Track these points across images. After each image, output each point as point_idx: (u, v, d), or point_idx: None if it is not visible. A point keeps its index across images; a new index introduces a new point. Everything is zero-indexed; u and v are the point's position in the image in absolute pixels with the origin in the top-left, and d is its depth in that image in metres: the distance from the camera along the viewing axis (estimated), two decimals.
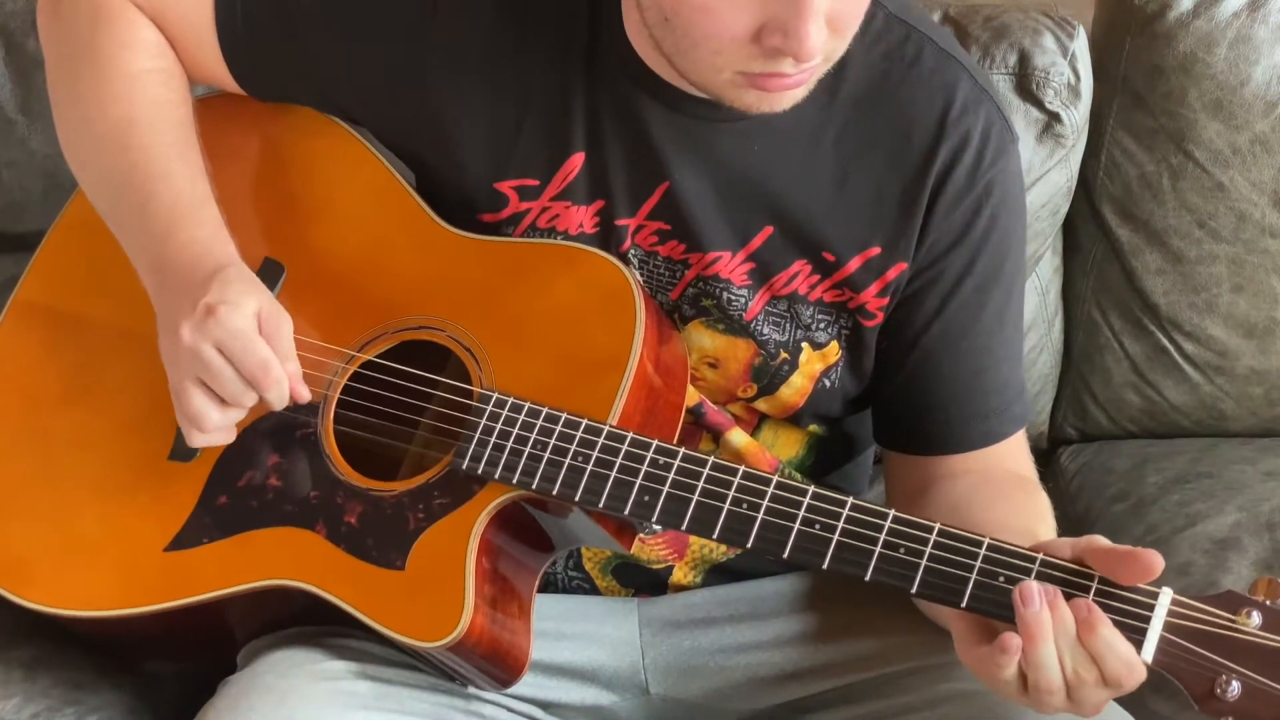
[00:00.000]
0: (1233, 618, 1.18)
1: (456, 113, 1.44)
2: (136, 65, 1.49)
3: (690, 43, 1.28)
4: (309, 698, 1.37)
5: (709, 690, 1.53)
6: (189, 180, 1.45)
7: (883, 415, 1.53)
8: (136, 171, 1.44)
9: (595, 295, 1.41)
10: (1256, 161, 1.93)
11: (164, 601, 1.41)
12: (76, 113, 1.51)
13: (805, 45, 1.23)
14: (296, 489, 1.42)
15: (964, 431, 1.48)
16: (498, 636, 1.36)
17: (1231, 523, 1.88)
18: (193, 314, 1.36)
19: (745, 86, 1.29)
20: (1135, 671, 1.19)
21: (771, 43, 1.24)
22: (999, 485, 1.46)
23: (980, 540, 1.24)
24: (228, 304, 1.36)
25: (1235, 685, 1.16)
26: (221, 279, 1.38)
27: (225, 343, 1.35)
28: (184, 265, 1.40)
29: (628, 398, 1.36)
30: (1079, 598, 1.20)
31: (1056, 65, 1.91)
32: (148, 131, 1.46)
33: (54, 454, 1.51)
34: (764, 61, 1.26)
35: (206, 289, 1.37)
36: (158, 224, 1.42)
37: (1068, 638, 1.19)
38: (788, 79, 1.28)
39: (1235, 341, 2.01)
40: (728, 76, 1.29)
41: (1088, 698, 1.21)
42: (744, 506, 1.30)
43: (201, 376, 1.37)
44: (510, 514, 1.37)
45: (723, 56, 1.27)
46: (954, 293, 1.45)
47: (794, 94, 1.32)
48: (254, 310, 1.37)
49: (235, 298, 1.36)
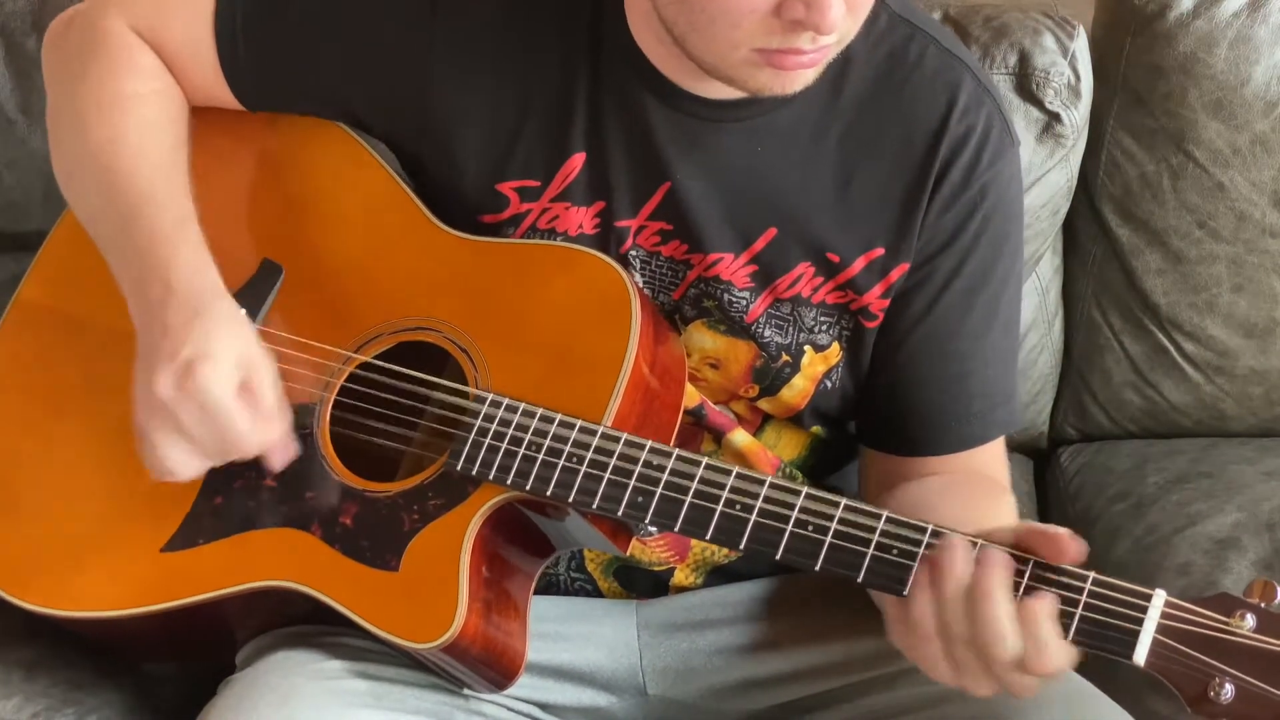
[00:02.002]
0: (1226, 620, 1.17)
1: (457, 114, 1.45)
2: (130, 88, 1.49)
3: (708, 18, 1.27)
4: (310, 697, 1.37)
5: (707, 691, 1.53)
6: (172, 199, 1.44)
7: (864, 413, 1.53)
8: (119, 192, 1.44)
9: (591, 296, 1.41)
10: (1256, 161, 1.93)
11: (161, 602, 1.41)
12: (68, 135, 1.51)
13: (828, 16, 1.23)
14: (292, 490, 1.42)
15: (943, 434, 1.48)
16: (492, 638, 1.36)
17: (1231, 523, 1.88)
18: (171, 365, 1.34)
19: (760, 65, 1.29)
20: (1009, 647, 1.18)
21: (793, 15, 1.24)
22: (969, 485, 1.47)
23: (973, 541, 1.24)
24: (209, 361, 1.34)
25: (1229, 688, 1.15)
26: (203, 323, 1.36)
27: (204, 409, 1.34)
28: (162, 289, 1.38)
29: (622, 399, 1.36)
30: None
31: (1056, 65, 1.91)
32: (135, 153, 1.46)
33: (52, 455, 1.51)
34: (782, 36, 1.26)
35: (188, 333, 1.35)
36: (139, 241, 1.41)
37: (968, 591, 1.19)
38: (805, 55, 1.28)
39: (1235, 341, 2.01)
40: (743, 54, 1.28)
41: (1008, 676, 1.20)
42: (737, 508, 1.29)
43: (178, 434, 1.36)
44: (505, 515, 1.37)
45: (741, 30, 1.26)
46: (942, 294, 1.45)
47: (806, 75, 1.31)
48: (234, 364, 1.36)
49: (217, 351, 1.35)
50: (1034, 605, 1.19)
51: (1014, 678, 1.20)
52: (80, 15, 1.54)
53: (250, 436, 1.36)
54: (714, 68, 1.32)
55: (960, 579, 1.21)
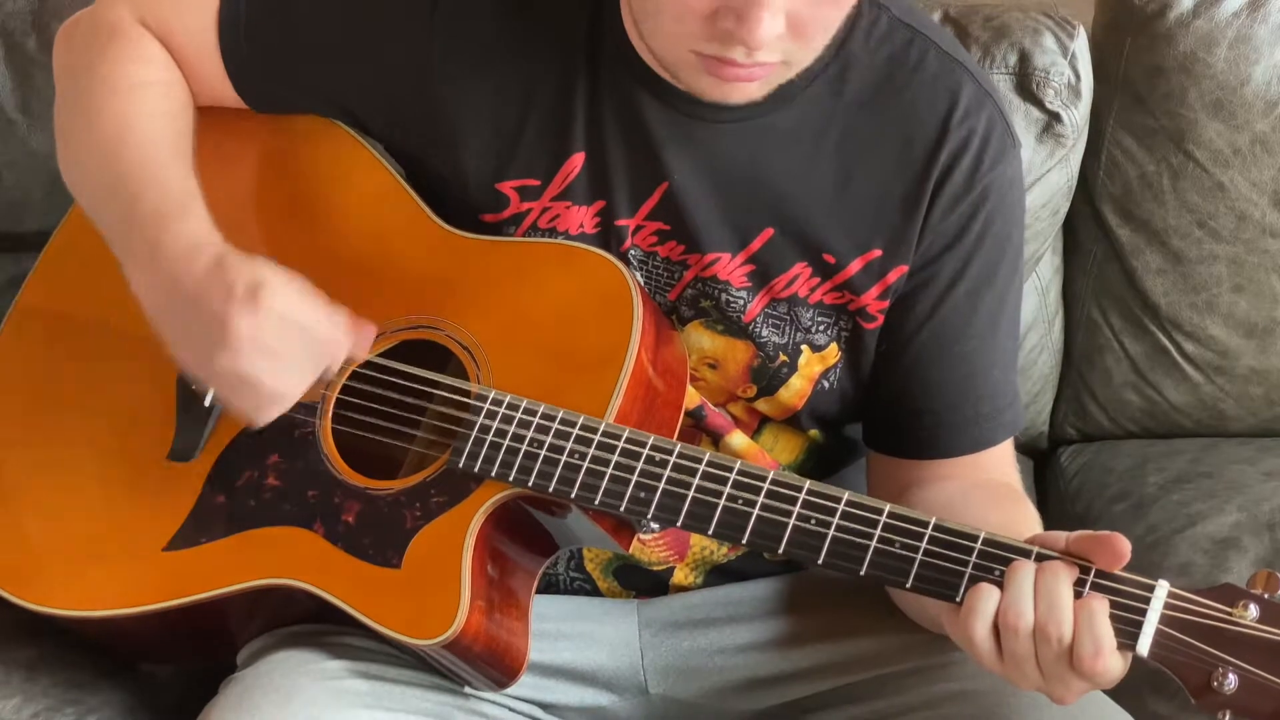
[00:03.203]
0: (1230, 610, 1.18)
1: (458, 113, 1.45)
2: (137, 78, 1.49)
3: (655, 6, 1.28)
4: (312, 697, 1.37)
5: (708, 690, 1.53)
6: (178, 179, 1.44)
7: (871, 416, 1.53)
8: (125, 179, 1.44)
9: (593, 293, 1.41)
10: (1256, 161, 1.93)
11: (162, 601, 1.41)
12: (77, 121, 1.51)
13: (755, 33, 1.23)
14: (294, 488, 1.42)
15: (952, 436, 1.47)
16: (494, 636, 1.36)
17: (1231, 523, 1.88)
18: (233, 301, 1.32)
19: (700, 70, 1.30)
20: (1100, 652, 1.18)
21: (724, 24, 1.24)
22: (991, 491, 1.46)
23: (976, 534, 1.24)
24: (265, 283, 1.33)
25: (1232, 678, 1.16)
26: (233, 261, 1.35)
27: (287, 320, 1.33)
28: (179, 255, 1.37)
29: (624, 396, 1.36)
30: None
31: (1057, 65, 1.91)
32: (142, 142, 1.46)
33: (54, 455, 1.51)
34: (718, 45, 1.27)
35: (223, 272, 1.34)
36: (147, 223, 1.40)
37: (1045, 597, 1.20)
38: (739, 69, 1.28)
39: (1235, 341, 2.01)
40: (683, 54, 1.30)
41: (1057, 673, 1.20)
42: (739, 502, 1.30)
43: (274, 359, 1.34)
44: (507, 512, 1.37)
45: (682, 27, 1.27)
46: (946, 296, 1.45)
47: (746, 88, 1.32)
48: (284, 279, 1.35)
49: (262, 274, 1.33)
50: (1093, 601, 1.19)
51: (1061, 671, 1.20)
52: (89, 13, 1.55)
53: (336, 330, 1.36)
54: (663, 63, 1.34)
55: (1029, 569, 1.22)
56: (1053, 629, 1.19)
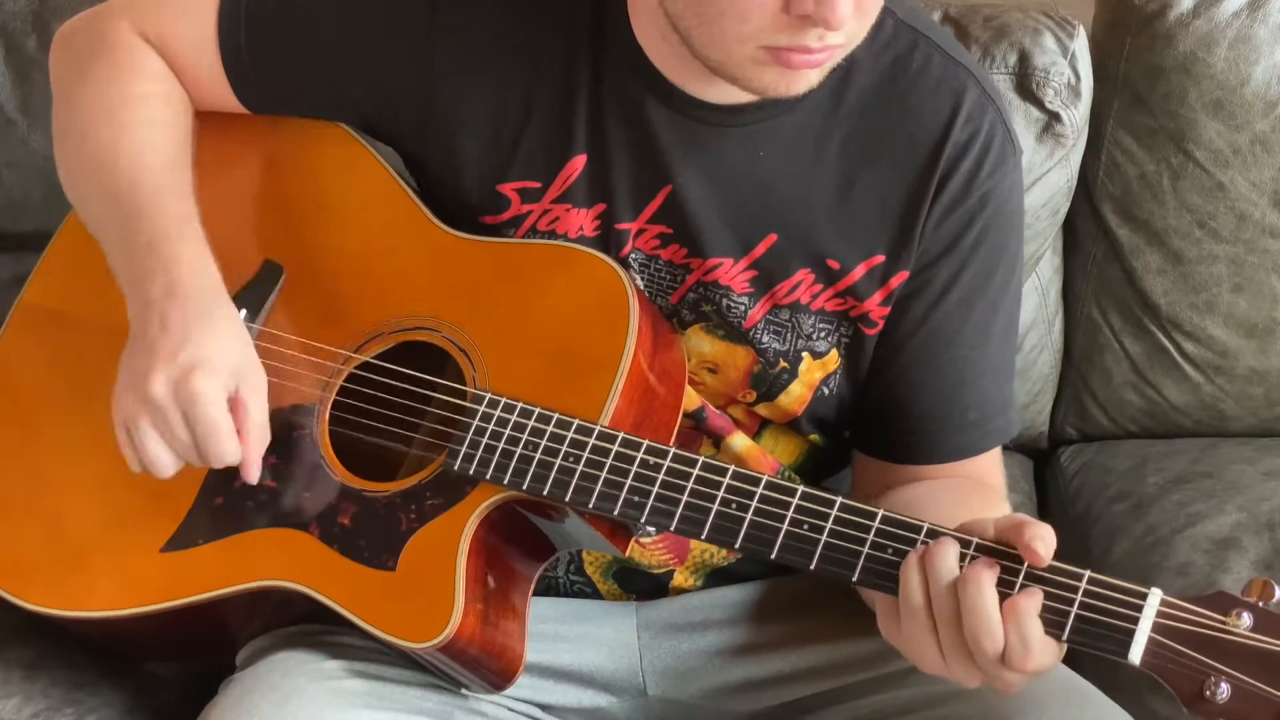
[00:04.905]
0: (1223, 619, 1.17)
1: (459, 114, 1.45)
2: (135, 90, 1.49)
3: (717, 10, 1.27)
4: (311, 697, 1.37)
5: (706, 691, 1.53)
6: (175, 198, 1.44)
7: (859, 419, 1.52)
8: (122, 190, 1.44)
9: (590, 296, 1.41)
10: (1256, 161, 1.92)
11: (161, 602, 1.41)
12: (72, 136, 1.52)
13: (837, 12, 1.22)
14: (291, 490, 1.42)
15: (937, 444, 1.47)
16: (490, 638, 1.36)
17: (1231, 523, 1.87)
18: (169, 366, 1.35)
19: (766, 63, 1.29)
20: (994, 638, 1.18)
21: (802, 9, 1.23)
22: (956, 488, 1.46)
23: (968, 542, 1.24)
24: (205, 369, 1.35)
25: (1225, 687, 1.15)
26: (202, 326, 1.37)
27: (193, 419, 1.35)
28: (163, 287, 1.38)
29: (620, 399, 1.36)
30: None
31: (1056, 65, 1.91)
32: (139, 153, 1.46)
33: (54, 455, 1.51)
34: (790, 33, 1.26)
35: (186, 335, 1.36)
36: (141, 239, 1.41)
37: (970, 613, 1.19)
38: (812, 54, 1.27)
39: (1235, 341, 2.01)
40: (749, 51, 1.28)
41: (995, 673, 1.20)
42: (733, 507, 1.29)
43: (161, 434, 1.37)
44: (503, 515, 1.37)
45: (749, 25, 1.26)
46: (939, 303, 1.44)
47: (810, 76, 1.31)
48: (229, 373, 1.36)
49: (214, 358, 1.36)
50: (1019, 602, 1.19)
51: (998, 672, 1.20)
52: (86, 21, 1.55)
53: (230, 455, 1.37)
54: (719, 65, 1.32)
55: (951, 568, 1.21)
56: (987, 643, 1.19)
